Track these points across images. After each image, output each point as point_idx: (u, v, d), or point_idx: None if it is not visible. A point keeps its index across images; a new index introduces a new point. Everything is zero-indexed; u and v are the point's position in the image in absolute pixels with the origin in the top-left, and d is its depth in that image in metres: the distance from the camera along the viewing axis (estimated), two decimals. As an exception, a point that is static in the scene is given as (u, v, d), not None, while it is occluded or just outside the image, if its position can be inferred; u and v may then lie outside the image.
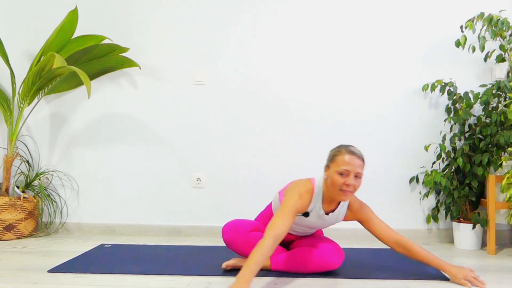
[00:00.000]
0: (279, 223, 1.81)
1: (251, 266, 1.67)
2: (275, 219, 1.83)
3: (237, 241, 2.06)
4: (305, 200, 1.93)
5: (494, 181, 2.48)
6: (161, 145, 3.07)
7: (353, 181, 1.84)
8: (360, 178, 1.87)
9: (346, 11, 2.99)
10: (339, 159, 1.86)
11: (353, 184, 1.84)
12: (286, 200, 1.90)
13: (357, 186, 1.86)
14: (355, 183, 1.84)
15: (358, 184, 1.87)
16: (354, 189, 1.87)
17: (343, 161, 1.84)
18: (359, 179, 1.86)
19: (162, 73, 3.09)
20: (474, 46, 2.74)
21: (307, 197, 1.94)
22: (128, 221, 3.07)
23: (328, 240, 2.09)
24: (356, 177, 1.85)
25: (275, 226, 1.80)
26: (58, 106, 3.15)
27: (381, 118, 2.95)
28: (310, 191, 1.95)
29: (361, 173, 1.85)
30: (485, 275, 2.06)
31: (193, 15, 3.07)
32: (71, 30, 2.92)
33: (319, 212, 1.98)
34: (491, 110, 2.63)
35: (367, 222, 2.01)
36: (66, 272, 2.07)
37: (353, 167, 1.83)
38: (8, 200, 2.84)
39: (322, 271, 2.02)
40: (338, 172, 1.85)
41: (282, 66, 3.01)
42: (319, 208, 1.97)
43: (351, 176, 1.84)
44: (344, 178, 1.84)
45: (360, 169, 1.85)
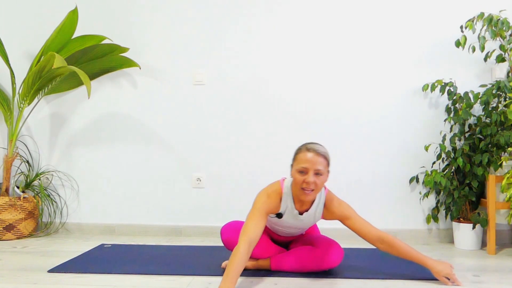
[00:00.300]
0: (251, 227, 1.81)
1: (231, 274, 1.67)
2: (247, 223, 1.83)
3: (235, 241, 2.06)
4: (273, 199, 1.92)
5: (494, 181, 2.48)
6: (161, 145, 3.07)
7: (313, 178, 1.81)
8: (322, 175, 1.84)
9: (346, 11, 2.99)
10: (299, 157, 1.86)
11: (312, 181, 1.81)
12: (255, 202, 1.91)
13: (318, 183, 1.83)
14: (315, 181, 1.82)
15: (320, 182, 1.84)
16: (316, 187, 1.83)
17: (302, 159, 1.84)
18: (320, 177, 1.83)
19: (162, 73, 3.09)
20: (474, 46, 2.74)
21: (276, 197, 1.93)
22: (128, 221, 3.07)
23: (327, 238, 2.09)
24: (317, 174, 1.82)
25: (248, 231, 1.79)
26: (58, 106, 3.15)
27: (381, 118, 2.95)
28: (278, 191, 1.94)
29: (321, 170, 1.82)
30: (485, 275, 2.06)
31: (193, 15, 3.07)
32: (71, 30, 2.92)
33: (293, 212, 1.97)
34: (491, 110, 2.63)
35: (348, 219, 1.95)
36: (66, 272, 2.07)
37: (311, 164, 1.81)
38: (8, 200, 2.84)
39: (322, 269, 2.02)
40: (298, 171, 1.84)
41: (282, 66, 3.01)
42: (292, 208, 1.96)
43: (310, 174, 1.81)
44: (304, 176, 1.83)
45: (320, 166, 1.82)
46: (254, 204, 1.91)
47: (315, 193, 1.86)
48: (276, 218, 2.00)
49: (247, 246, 1.75)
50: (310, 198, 1.86)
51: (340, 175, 2.95)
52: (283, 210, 1.97)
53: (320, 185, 1.85)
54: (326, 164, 1.85)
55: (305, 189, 1.84)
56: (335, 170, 2.95)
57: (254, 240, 1.78)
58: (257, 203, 1.90)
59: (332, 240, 2.07)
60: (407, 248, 1.90)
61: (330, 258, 1.99)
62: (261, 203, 1.90)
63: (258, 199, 1.92)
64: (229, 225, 2.13)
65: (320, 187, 1.85)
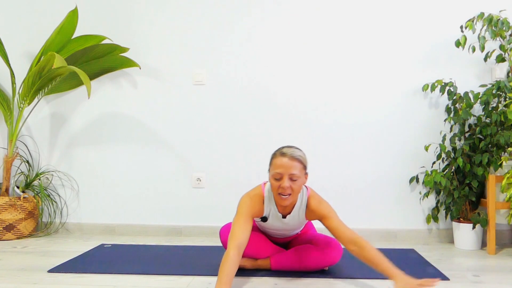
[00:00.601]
0: (238, 231, 1.81)
1: (224, 280, 1.66)
2: (233, 228, 1.83)
3: None
4: (256, 202, 1.92)
5: (494, 181, 2.48)
6: (161, 145, 3.07)
7: (288, 183, 1.80)
8: (297, 180, 1.82)
9: (346, 11, 2.99)
10: (273, 162, 1.85)
11: (288, 186, 1.80)
12: (239, 207, 1.91)
13: (294, 188, 1.82)
14: (291, 186, 1.81)
15: (296, 187, 1.82)
16: (292, 192, 1.83)
17: (276, 164, 1.82)
18: (296, 181, 1.82)
19: (162, 73, 3.09)
20: (474, 46, 2.74)
21: (258, 200, 1.93)
22: (128, 221, 3.07)
23: (326, 237, 2.10)
24: (292, 179, 1.81)
25: (235, 235, 1.79)
26: (58, 106, 3.15)
27: (381, 118, 2.95)
28: (260, 194, 1.95)
29: (296, 174, 1.80)
30: (485, 275, 2.06)
31: (193, 15, 3.07)
32: (71, 30, 2.92)
33: (277, 215, 1.97)
34: (491, 110, 2.63)
35: (325, 218, 1.90)
36: (66, 272, 2.07)
37: (285, 170, 1.80)
38: (8, 200, 2.84)
39: (321, 267, 2.02)
40: (273, 177, 1.84)
41: (282, 66, 3.01)
42: (275, 211, 1.97)
43: (284, 179, 1.80)
44: (279, 182, 1.82)
45: (294, 171, 1.80)
46: (238, 209, 1.90)
47: (293, 197, 1.85)
48: (262, 222, 2.01)
49: (236, 251, 1.74)
50: (287, 202, 1.85)
51: (340, 175, 2.95)
52: (267, 213, 1.98)
53: (296, 189, 1.83)
54: (301, 168, 1.84)
55: (282, 194, 1.83)
56: (335, 170, 2.95)
57: (243, 244, 1.78)
58: (241, 207, 1.90)
59: (330, 237, 2.08)
60: (377, 256, 1.76)
61: (329, 256, 2.00)
62: (245, 207, 1.89)
63: (242, 203, 1.92)
64: (228, 226, 2.14)
65: (296, 191, 1.84)
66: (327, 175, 2.95)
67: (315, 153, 2.96)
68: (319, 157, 2.96)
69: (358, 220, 2.93)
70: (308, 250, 2.02)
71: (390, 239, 2.90)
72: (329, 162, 2.96)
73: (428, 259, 2.37)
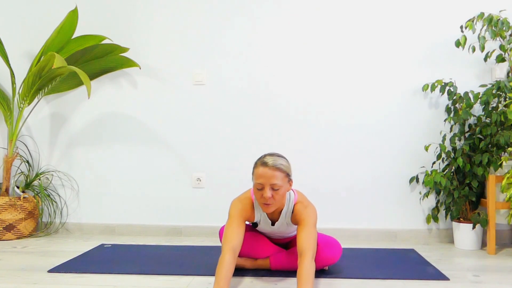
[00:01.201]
0: (232, 234, 1.81)
1: (221, 283, 1.66)
2: (226, 231, 1.83)
3: None
4: (247, 205, 1.93)
5: (494, 181, 2.48)
6: (161, 145, 3.07)
7: (269, 193, 1.78)
8: (279, 189, 1.80)
9: (346, 12, 2.99)
10: (255, 172, 1.83)
11: (269, 197, 1.78)
12: (230, 211, 1.91)
13: (276, 197, 1.80)
14: (273, 195, 1.79)
15: (278, 196, 1.80)
16: (275, 201, 1.81)
17: (257, 174, 1.81)
18: (277, 190, 1.80)
19: (162, 73, 3.09)
20: (474, 46, 2.74)
21: (248, 203, 1.94)
22: (128, 221, 3.07)
23: (326, 236, 2.10)
24: (273, 189, 1.79)
25: (228, 239, 1.80)
26: (58, 106, 3.15)
27: (381, 118, 2.95)
28: (249, 198, 1.96)
29: (277, 184, 1.78)
30: (485, 275, 2.06)
31: (193, 15, 3.07)
32: (71, 30, 2.92)
33: (267, 221, 1.99)
34: (491, 110, 2.62)
35: (301, 222, 1.87)
36: (66, 272, 2.07)
37: (266, 180, 1.78)
38: (8, 200, 2.84)
39: (321, 266, 2.02)
40: (255, 187, 1.83)
41: (282, 66, 3.01)
42: (265, 217, 1.98)
43: (266, 189, 1.79)
44: (261, 192, 1.81)
45: (275, 181, 1.78)
46: (230, 213, 1.90)
47: (276, 205, 1.84)
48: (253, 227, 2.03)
49: (232, 253, 1.75)
50: (271, 210, 1.84)
51: (340, 175, 2.95)
52: (258, 219, 1.99)
53: (278, 198, 1.81)
54: (283, 176, 1.81)
55: (264, 204, 1.82)
56: (335, 170, 2.95)
57: (237, 246, 1.78)
58: (232, 211, 1.90)
59: (330, 237, 2.08)
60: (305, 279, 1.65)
61: (329, 255, 2.00)
62: (236, 210, 1.90)
63: (233, 207, 1.92)
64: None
65: (279, 200, 1.82)
66: (327, 175, 2.95)
67: (315, 153, 2.96)
68: (319, 157, 2.96)
69: (358, 220, 2.93)
70: None
71: (390, 239, 2.90)
72: (329, 162, 2.96)
73: (428, 259, 2.37)
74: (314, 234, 1.82)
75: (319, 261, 2.01)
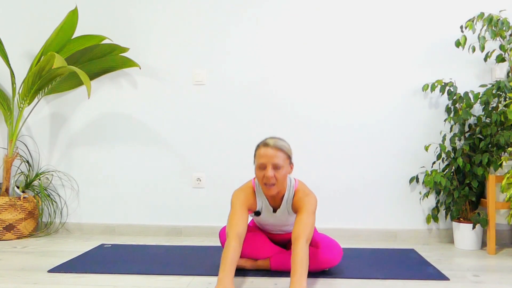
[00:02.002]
0: (236, 221, 1.83)
1: (227, 267, 1.68)
2: (230, 219, 1.85)
3: None
4: (249, 194, 1.96)
5: (494, 181, 2.48)
6: (161, 145, 3.07)
7: (271, 172, 1.83)
8: (281, 168, 1.84)
9: (346, 12, 2.99)
10: (257, 153, 1.88)
11: (271, 176, 1.82)
12: (232, 201, 1.94)
13: (278, 177, 1.84)
14: (275, 175, 1.83)
15: (280, 176, 1.84)
16: (276, 181, 1.85)
17: (259, 155, 1.86)
18: (279, 170, 1.84)
19: (162, 73, 3.09)
20: (474, 46, 2.74)
21: (250, 192, 1.97)
22: (128, 221, 3.07)
23: (326, 237, 2.09)
24: (275, 168, 1.84)
25: (233, 225, 1.82)
26: (58, 106, 3.15)
27: (381, 118, 2.95)
28: (250, 186, 1.99)
29: (279, 163, 1.83)
30: (485, 275, 2.06)
31: (193, 15, 3.07)
32: (71, 30, 2.92)
33: (269, 208, 2.01)
34: (491, 110, 2.62)
35: (300, 209, 1.89)
36: (66, 272, 2.08)
37: (268, 159, 1.83)
38: (8, 200, 2.84)
39: (321, 268, 2.02)
40: (258, 167, 1.87)
41: (282, 67, 3.01)
42: (267, 205, 2.00)
43: (268, 168, 1.83)
44: (263, 172, 1.85)
45: (277, 160, 1.83)
46: (232, 203, 1.93)
47: (278, 187, 1.87)
48: (256, 216, 2.03)
49: (237, 239, 1.77)
50: (274, 192, 1.87)
51: (340, 175, 2.95)
52: (260, 207, 2.01)
53: (280, 178, 1.85)
54: (285, 157, 1.86)
55: (267, 184, 1.85)
56: (335, 170, 2.95)
57: (242, 233, 1.80)
58: (235, 200, 1.93)
59: (331, 239, 2.08)
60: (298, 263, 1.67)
61: (329, 257, 2.00)
62: (239, 199, 1.92)
63: (235, 197, 1.95)
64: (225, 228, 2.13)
65: (281, 180, 1.86)
66: (327, 175, 2.95)
67: (315, 153, 2.96)
68: (319, 157, 2.96)
69: (358, 220, 2.93)
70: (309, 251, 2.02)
71: (390, 239, 2.90)
72: (329, 162, 2.96)
73: (428, 259, 2.37)
74: (312, 221, 1.84)
75: (319, 264, 2.00)
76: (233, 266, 1.69)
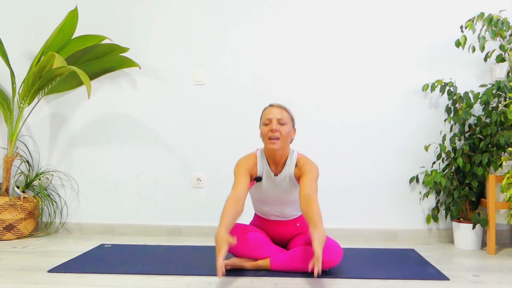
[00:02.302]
0: (236, 185, 2.00)
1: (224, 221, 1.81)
2: (234, 185, 2.02)
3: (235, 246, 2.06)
4: (250, 159, 2.12)
5: (494, 181, 2.48)
6: (161, 145, 3.07)
7: (276, 126, 2.02)
8: (285, 125, 2.04)
9: (346, 12, 2.99)
10: (263, 113, 2.10)
11: (276, 129, 2.01)
12: (235, 169, 2.08)
13: (282, 132, 2.02)
14: (279, 129, 2.02)
15: (284, 131, 2.03)
16: (281, 135, 2.02)
17: (265, 113, 2.08)
18: (283, 126, 2.03)
19: (162, 73, 3.09)
20: (474, 46, 2.74)
21: (252, 158, 2.13)
22: (128, 221, 3.07)
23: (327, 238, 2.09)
24: (280, 124, 2.03)
25: (233, 189, 1.98)
26: (58, 106, 3.15)
27: (381, 118, 2.95)
28: (253, 154, 2.15)
29: (283, 119, 2.03)
30: (485, 275, 2.06)
31: (194, 15, 3.07)
32: (71, 30, 2.92)
33: (270, 174, 2.12)
34: (491, 110, 2.63)
35: (304, 175, 2.03)
36: (66, 272, 2.08)
37: (273, 115, 2.04)
38: (8, 200, 2.84)
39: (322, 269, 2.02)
40: (263, 124, 2.07)
41: (282, 66, 3.01)
42: (268, 170, 2.12)
43: (273, 122, 2.02)
44: (268, 127, 2.03)
45: (280, 116, 2.03)
46: (235, 172, 2.07)
47: (281, 143, 2.03)
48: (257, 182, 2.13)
49: (234, 199, 1.91)
50: (277, 146, 2.02)
51: (340, 175, 2.95)
52: (260, 172, 2.13)
53: (284, 134, 2.03)
54: (289, 117, 2.08)
55: (271, 138, 2.02)
56: (335, 170, 2.95)
57: (240, 196, 1.94)
58: (237, 168, 2.07)
59: (331, 239, 2.07)
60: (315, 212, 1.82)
61: (329, 258, 1.99)
62: (240, 166, 2.08)
63: (237, 164, 2.10)
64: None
65: (284, 136, 2.03)
66: (327, 175, 2.95)
67: (315, 153, 2.96)
68: (319, 157, 2.96)
69: (358, 220, 2.93)
70: (308, 252, 2.02)
71: (390, 239, 2.90)
72: (329, 162, 2.96)
73: (428, 259, 2.37)
74: (316, 187, 1.99)
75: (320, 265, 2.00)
76: (228, 220, 1.82)
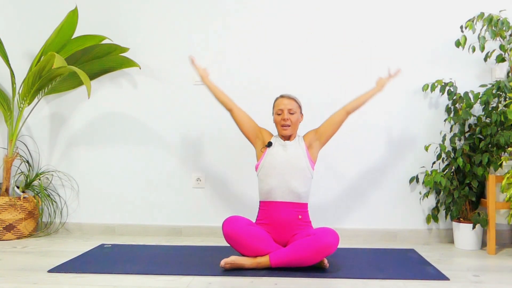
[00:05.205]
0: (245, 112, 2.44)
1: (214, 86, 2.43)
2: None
3: (237, 233, 2.08)
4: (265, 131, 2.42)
5: (494, 181, 2.48)
6: (161, 145, 3.07)
7: (288, 115, 2.30)
8: (295, 114, 2.32)
9: (346, 12, 2.99)
10: (275, 104, 2.37)
11: (288, 118, 2.29)
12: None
13: (293, 120, 2.31)
14: (290, 117, 2.30)
15: (294, 119, 2.32)
16: (291, 123, 2.30)
17: (277, 104, 2.36)
18: (294, 115, 2.32)
19: (162, 73, 3.09)
20: (474, 46, 2.74)
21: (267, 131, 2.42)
22: (128, 221, 3.07)
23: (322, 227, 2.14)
24: (290, 113, 2.31)
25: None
26: (58, 106, 3.15)
27: (381, 118, 2.95)
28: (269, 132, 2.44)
29: (293, 109, 2.31)
30: (485, 275, 2.06)
31: (194, 15, 3.07)
32: (71, 30, 2.92)
33: (280, 141, 2.35)
34: (491, 110, 2.63)
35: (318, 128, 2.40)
36: (66, 272, 2.08)
37: (284, 105, 2.31)
38: (8, 200, 2.84)
39: (321, 255, 2.02)
40: (276, 113, 2.34)
41: (282, 66, 3.01)
42: (279, 140, 2.36)
43: (285, 112, 2.30)
44: (281, 116, 2.31)
45: (290, 106, 2.31)
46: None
47: (292, 128, 2.32)
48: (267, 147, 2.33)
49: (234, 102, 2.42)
50: (288, 132, 2.31)
51: (341, 174, 2.95)
52: (273, 140, 2.37)
53: (294, 121, 2.32)
54: (297, 105, 2.34)
55: (283, 125, 2.30)
56: (335, 170, 2.95)
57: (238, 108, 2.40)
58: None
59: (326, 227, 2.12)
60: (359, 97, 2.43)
61: (327, 240, 2.01)
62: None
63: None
64: (230, 218, 2.16)
65: (294, 123, 2.32)
66: (327, 175, 2.95)
67: (315, 153, 2.96)
68: (319, 157, 2.96)
69: (358, 220, 2.93)
70: (305, 240, 2.06)
71: (390, 239, 2.90)
72: (329, 162, 2.96)
73: (428, 259, 2.37)
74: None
75: (319, 251, 2.01)
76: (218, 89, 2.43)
